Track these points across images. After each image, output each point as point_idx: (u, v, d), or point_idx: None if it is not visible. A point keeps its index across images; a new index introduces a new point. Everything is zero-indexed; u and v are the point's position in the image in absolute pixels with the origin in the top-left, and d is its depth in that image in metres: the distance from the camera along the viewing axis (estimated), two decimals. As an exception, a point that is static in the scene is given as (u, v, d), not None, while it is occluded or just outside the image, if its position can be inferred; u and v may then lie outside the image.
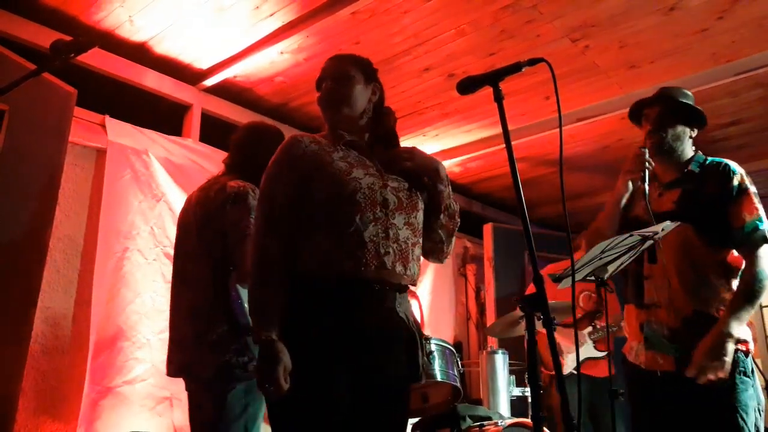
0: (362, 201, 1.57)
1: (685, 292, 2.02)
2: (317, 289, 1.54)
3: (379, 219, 1.58)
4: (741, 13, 2.98)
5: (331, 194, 1.57)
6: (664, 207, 2.12)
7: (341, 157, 1.64)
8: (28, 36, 2.97)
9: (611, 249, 1.87)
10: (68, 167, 2.99)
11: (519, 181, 1.39)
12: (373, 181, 1.62)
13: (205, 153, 3.64)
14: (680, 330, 2.00)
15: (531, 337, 1.36)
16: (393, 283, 1.59)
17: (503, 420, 2.98)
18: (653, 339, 2.05)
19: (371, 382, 1.55)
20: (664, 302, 2.04)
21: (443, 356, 2.95)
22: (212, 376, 2.02)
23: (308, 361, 1.47)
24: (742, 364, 1.92)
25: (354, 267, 1.53)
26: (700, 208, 2.05)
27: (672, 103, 2.18)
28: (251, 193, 2.11)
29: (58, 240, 3.01)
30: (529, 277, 5.09)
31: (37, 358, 2.86)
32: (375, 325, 1.56)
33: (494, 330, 3.42)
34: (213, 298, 2.07)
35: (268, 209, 1.60)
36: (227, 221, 2.09)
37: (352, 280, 1.53)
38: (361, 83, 1.73)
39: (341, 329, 1.51)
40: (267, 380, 1.42)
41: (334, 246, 1.54)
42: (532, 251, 1.34)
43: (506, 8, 2.97)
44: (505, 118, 1.46)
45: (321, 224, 1.57)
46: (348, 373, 1.51)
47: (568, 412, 1.24)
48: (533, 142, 4.25)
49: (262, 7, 2.99)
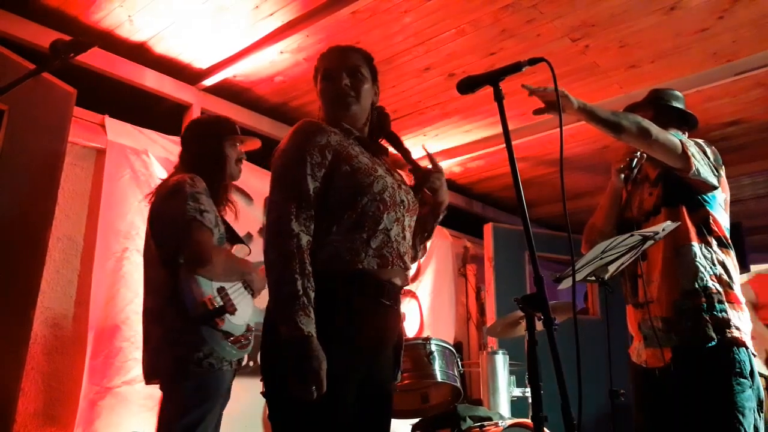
0: (389, 200, 1.54)
1: (670, 280, 2.03)
2: (338, 287, 1.46)
3: (399, 219, 1.57)
4: (741, 12, 2.97)
5: (359, 190, 1.50)
6: (651, 203, 2.15)
7: (360, 152, 1.60)
8: (27, 36, 2.96)
9: (612, 249, 1.87)
10: (68, 167, 2.99)
11: (519, 181, 1.39)
12: (392, 180, 1.60)
13: (204, 153, 3.63)
14: (672, 319, 2.00)
15: (531, 337, 1.36)
16: (403, 283, 1.60)
17: (503, 420, 2.98)
18: (651, 336, 2.05)
19: (374, 383, 1.55)
20: (655, 296, 2.05)
21: (443, 356, 2.95)
22: (169, 374, 2.02)
23: (331, 361, 1.36)
24: (738, 365, 1.90)
25: (381, 266, 1.49)
26: (674, 187, 2.08)
27: (663, 107, 2.21)
28: (188, 182, 2.11)
29: (57, 240, 3.01)
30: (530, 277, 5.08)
31: (36, 358, 2.86)
32: (388, 325, 1.56)
33: (494, 330, 3.42)
34: (169, 296, 2.06)
35: (293, 194, 1.46)
36: (169, 215, 2.10)
37: (377, 279, 1.50)
38: (369, 83, 1.70)
39: (363, 329, 1.46)
40: (309, 379, 1.31)
41: (361, 243, 1.48)
42: (533, 251, 1.34)
43: (506, 8, 2.96)
44: (505, 117, 1.46)
45: (344, 220, 1.49)
46: (360, 373, 1.49)
47: (568, 413, 1.24)
48: (533, 142, 4.25)
49: (261, 6, 2.98)
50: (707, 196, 2.07)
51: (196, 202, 2.07)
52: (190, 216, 2.03)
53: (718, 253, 2.03)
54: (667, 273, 2.04)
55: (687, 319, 1.96)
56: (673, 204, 2.07)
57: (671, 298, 2.01)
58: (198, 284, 2.05)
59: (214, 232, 2.12)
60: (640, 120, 1.94)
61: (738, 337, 1.94)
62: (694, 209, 2.06)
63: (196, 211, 2.05)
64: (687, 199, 2.06)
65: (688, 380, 1.93)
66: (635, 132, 1.91)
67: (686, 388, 1.93)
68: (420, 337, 3.10)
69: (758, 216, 5.51)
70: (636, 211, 2.18)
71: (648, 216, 2.15)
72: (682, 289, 1.99)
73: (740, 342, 1.93)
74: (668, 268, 2.03)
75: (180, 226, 2.05)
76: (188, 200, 2.06)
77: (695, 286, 1.97)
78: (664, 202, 2.10)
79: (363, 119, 1.70)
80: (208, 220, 2.08)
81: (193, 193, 2.08)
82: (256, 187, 3.81)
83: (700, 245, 2.02)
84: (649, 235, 1.90)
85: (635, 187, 2.26)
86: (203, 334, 2.01)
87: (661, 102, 2.24)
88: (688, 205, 2.06)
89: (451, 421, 2.93)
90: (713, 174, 2.04)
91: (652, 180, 2.19)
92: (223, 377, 2.06)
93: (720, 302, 1.96)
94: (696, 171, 1.97)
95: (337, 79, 1.65)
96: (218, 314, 2.05)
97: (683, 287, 1.99)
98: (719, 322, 1.94)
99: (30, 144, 2.57)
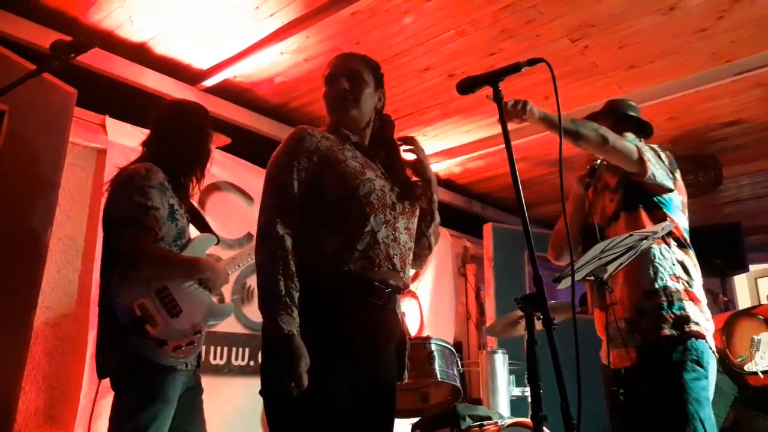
0: (376, 202, 1.57)
1: (632, 281, 2.09)
2: (325, 288, 1.51)
3: (389, 221, 1.59)
4: (741, 13, 2.98)
5: (345, 193, 1.55)
6: (612, 209, 2.24)
7: (352, 156, 1.63)
8: (28, 36, 2.96)
9: (611, 249, 1.88)
10: (68, 167, 2.99)
11: (519, 181, 1.39)
12: (383, 183, 1.63)
13: (204, 153, 3.63)
14: (635, 319, 2.07)
15: (531, 337, 1.36)
16: (398, 285, 1.61)
17: (503, 420, 2.98)
18: (616, 337, 2.10)
19: (371, 382, 1.56)
20: (618, 298, 2.12)
21: (443, 356, 2.96)
22: (113, 376, 1.93)
23: (318, 360, 1.41)
24: (695, 353, 1.95)
25: (367, 267, 1.52)
26: (632, 192, 2.17)
27: (619, 116, 2.33)
28: (141, 173, 1.98)
29: (58, 240, 3.01)
30: (529, 277, 5.09)
31: (37, 358, 2.87)
32: (380, 326, 1.57)
33: (494, 330, 3.42)
34: (102, 300, 1.97)
35: (280, 198, 1.53)
36: (111, 208, 2.00)
37: (364, 280, 1.52)
38: (371, 88, 1.73)
39: (351, 329, 1.50)
40: (288, 377, 1.35)
41: (347, 245, 1.51)
42: (532, 251, 1.35)
43: (506, 8, 2.97)
44: (505, 118, 1.47)
45: (331, 223, 1.54)
46: (351, 372, 1.50)
47: (568, 413, 1.25)
48: (533, 142, 4.25)
49: (262, 7, 2.99)
50: (663, 198, 2.15)
51: (143, 196, 1.93)
52: (130, 213, 1.90)
53: (676, 253, 2.10)
54: (629, 275, 2.10)
55: (648, 318, 2.03)
56: (632, 208, 2.17)
57: (633, 299, 2.08)
58: (130, 287, 1.92)
59: (163, 229, 1.99)
60: (597, 127, 2.03)
61: (696, 330, 2.00)
62: (652, 211, 2.14)
63: (139, 207, 1.92)
64: (644, 201, 2.15)
65: (651, 377, 1.99)
66: (594, 139, 2.00)
67: (649, 384, 1.99)
68: (420, 337, 3.12)
69: (757, 216, 5.51)
70: (599, 217, 2.28)
71: (609, 221, 2.24)
72: (643, 290, 2.07)
73: (698, 334, 1.99)
74: (630, 269, 2.08)
75: (116, 221, 1.94)
76: (134, 194, 1.93)
77: (655, 287, 2.05)
78: (623, 207, 2.19)
79: (363, 123, 1.73)
80: (152, 217, 1.94)
81: (143, 186, 1.95)
82: (256, 187, 3.81)
83: (659, 246, 2.10)
84: (648, 234, 1.91)
85: (597, 195, 2.36)
86: (132, 343, 1.88)
87: (618, 111, 2.36)
88: (645, 208, 2.14)
89: (450, 420, 2.94)
90: (668, 177, 2.14)
91: (612, 187, 2.28)
92: (170, 381, 1.93)
93: (679, 300, 2.03)
94: (651, 175, 2.07)
95: (336, 83, 1.69)
96: (143, 323, 1.89)
97: (644, 288, 2.07)
98: (678, 319, 2.00)
99: (30, 144, 2.57)
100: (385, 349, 1.61)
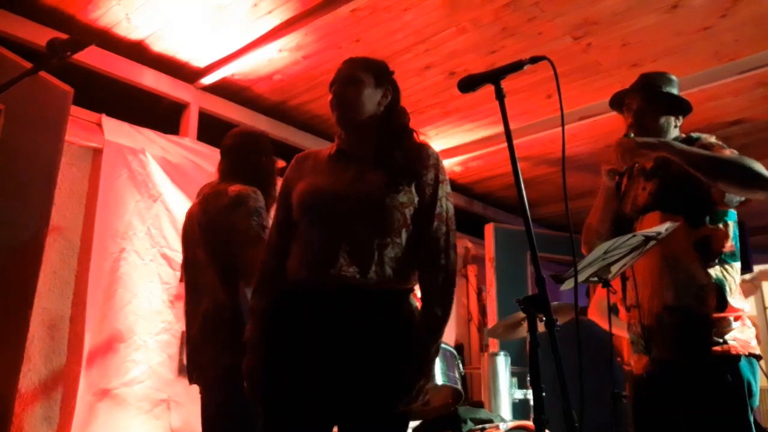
0: (322, 211, 1.63)
1: (655, 288, 1.93)
2: (285, 296, 1.65)
3: (332, 224, 1.60)
4: (744, 11, 2.95)
5: (296, 206, 1.68)
6: (643, 199, 2.03)
7: (315, 167, 1.73)
8: (24, 34, 2.95)
9: (615, 249, 1.84)
10: (65, 167, 2.96)
11: (521, 181, 1.36)
12: (336, 188, 1.64)
13: (202, 152, 3.61)
14: (654, 328, 1.92)
15: (533, 339, 1.33)
16: (350, 286, 1.55)
17: (505, 423, 2.96)
18: (636, 341, 2.00)
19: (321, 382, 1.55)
20: (639, 301, 1.98)
21: (444, 358, 2.92)
22: (215, 377, 2.03)
23: (275, 361, 1.59)
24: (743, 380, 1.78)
25: (310, 274, 1.59)
26: (674, 191, 1.94)
27: (653, 93, 2.02)
28: (252, 195, 2.11)
29: (54, 240, 2.99)
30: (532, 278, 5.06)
31: (33, 359, 2.84)
32: (324, 329, 1.55)
33: (496, 332, 3.39)
34: (221, 302, 2.07)
35: (275, 222, 1.76)
36: (231, 226, 2.09)
37: (306, 285, 1.59)
38: (371, 86, 1.72)
39: (297, 332, 1.57)
40: (245, 379, 1.62)
41: (298, 254, 1.64)
42: (534, 251, 1.33)
43: (507, 6, 2.94)
44: (506, 116, 1.44)
45: (295, 236, 1.68)
46: (303, 371, 1.54)
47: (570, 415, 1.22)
48: (534, 141, 4.23)
49: (260, 4, 2.96)
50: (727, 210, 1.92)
51: (260, 217, 2.09)
52: (255, 233, 2.04)
53: (714, 269, 1.88)
54: (652, 283, 1.95)
55: (669, 330, 1.88)
56: (696, 224, 1.90)
57: (655, 310, 1.92)
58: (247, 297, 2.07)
59: None
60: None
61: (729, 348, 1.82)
62: (695, 224, 1.90)
63: (260, 228, 2.06)
64: (690, 211, 1.90)
65: (672, 380, 1.87)
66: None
67: (666, 401, 1.88)
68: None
69: (761, 216, 5.47)
70: (629, 207, 2.07)
71: (638, 213, 2.02)
72: (665, 306, 1.90)
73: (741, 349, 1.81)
74: (654, 280, 1.94)
75: (240, 242, 2.05)
76: (253, 215, 2.07)
77: (687, 302, 1.87)
78: (659, 207, 1.96)
79: (368, 122, 1.71)
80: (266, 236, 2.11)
81: (257, 208, 2.09)
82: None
83: (695, 265, 1.89)
84: (652, 235, 1.86)
85: (631, 181, 2.13)
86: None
87: (650, 89, 2.03)
88: (687, 221, 1.89)
89: (452, 423, 2.91)
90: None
91: (647, 171, 2.06)
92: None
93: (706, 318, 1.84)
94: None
95: (332, 90, 1.75)
96: None
97: (667, 303, 1.90)
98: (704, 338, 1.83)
99: (26, 143, 2.55)
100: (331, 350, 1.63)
